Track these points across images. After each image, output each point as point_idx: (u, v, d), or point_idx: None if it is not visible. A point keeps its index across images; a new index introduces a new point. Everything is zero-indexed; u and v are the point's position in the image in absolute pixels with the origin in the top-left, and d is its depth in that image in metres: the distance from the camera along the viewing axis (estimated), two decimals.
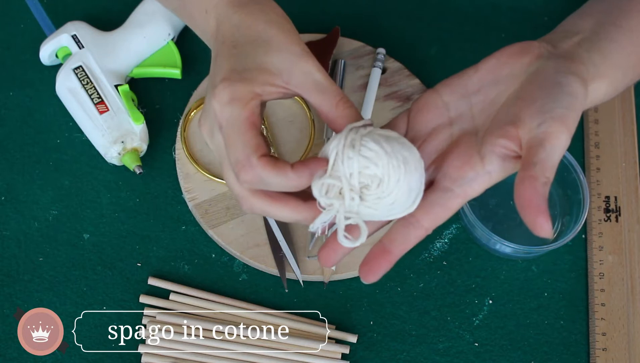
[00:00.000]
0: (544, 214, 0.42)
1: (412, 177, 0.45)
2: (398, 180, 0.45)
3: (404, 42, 0.75)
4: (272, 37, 0.49)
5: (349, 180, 0.45)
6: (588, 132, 0.71)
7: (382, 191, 0.45)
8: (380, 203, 0.45)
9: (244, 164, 0.45)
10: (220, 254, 0.64)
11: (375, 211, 0.46)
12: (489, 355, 0.62)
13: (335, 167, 0.45)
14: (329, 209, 0.46)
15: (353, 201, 0.45)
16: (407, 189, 0.45)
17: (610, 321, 0.62)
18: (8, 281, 0.62)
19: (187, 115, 0.69)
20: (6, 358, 0.59)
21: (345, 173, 0.45)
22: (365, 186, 0.45)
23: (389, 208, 0.46)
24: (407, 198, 0.46)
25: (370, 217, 0.46)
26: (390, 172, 0.45)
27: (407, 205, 0.46)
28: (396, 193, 0.45)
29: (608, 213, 0.67)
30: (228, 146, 0.46)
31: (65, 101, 0.68)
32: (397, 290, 0.64)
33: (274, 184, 0.45)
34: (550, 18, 0.77)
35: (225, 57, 0.49)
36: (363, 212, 0.46)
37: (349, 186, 0.45)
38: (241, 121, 0.46)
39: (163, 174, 0.68)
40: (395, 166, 0.45)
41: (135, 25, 0.70)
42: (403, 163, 0.45)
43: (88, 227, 0.65)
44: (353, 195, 0.45)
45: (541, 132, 0.44)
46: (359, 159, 0.45)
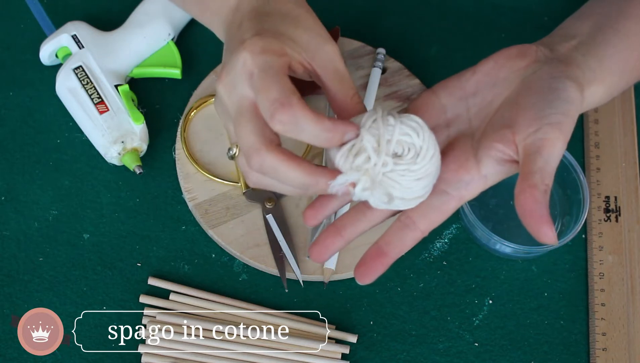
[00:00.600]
0: (547, 224, 0.43)
1: (437, 162, 0.46)
2: (432, 156, 0.45)
3: (404, 42, 0.75)
4: (300, 15, 0.49)
5: (385, 144, 0.44)
6: (588, 132, 0.71)
7: (415, 163, 0.45)
8: (406, 177, 0.45)
9: (283, 102, 0.43)
10: (220, 254, 0.64)
11: (398, 184, 0.45)
12: (489, 355, 0.62)
13: (372, 130, 0.45)
14: (351, 172, 0.45)
15: (385, 166, 0.44)
16: (434, 171, 0.46)
17: (610, 321, 0.62)
18: (8, 281, 0.62)
19: (187, 115, 0.69)
20: (6, 358, 0.59)
21: (383, 135, 0.44)
22: (399, 155, 0.45)
23: (412, 185, 0.45)
24: (430, 180, 0.46)
25: (385, 196, 0.45)
26: (429, 145, 0.45)
27: (424, 190, 0.46)
28: (426, 169, 0.45)
29: (608, 213, 0.67)
30: (262, 91, 0.44)
31: (65, 101, 0.68)
32: (397, 290, 0.64)
33: (308, 130, 0.43)
34: (550, 18, 0.77)
35: (254, 20, 0.48)
36: (385, 184, 0.45)
37: (384, 149, 0.44)
38: (278, 67, 0.45)
39: (163, 174, 0.68)
40: (433, 141, 0.45)
41: (135, 25, 0.70)
42: (434, 143, 0.45)
43: (88, 227, 0.65)
44: (387, 159, 0.45)
45: (538, 140, 0.44)
46: (400, 126, 0.45)
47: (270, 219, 0.64)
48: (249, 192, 0.65)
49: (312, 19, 0.50)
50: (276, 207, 0.64)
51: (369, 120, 0.45)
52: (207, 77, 0.71)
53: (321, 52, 0.48)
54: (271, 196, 0.65)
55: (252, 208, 0.65)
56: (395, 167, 0.45)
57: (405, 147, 0.45)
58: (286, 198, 0.65)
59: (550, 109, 0.45)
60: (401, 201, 0.46)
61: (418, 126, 0.45)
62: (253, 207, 0.65)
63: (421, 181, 0.45)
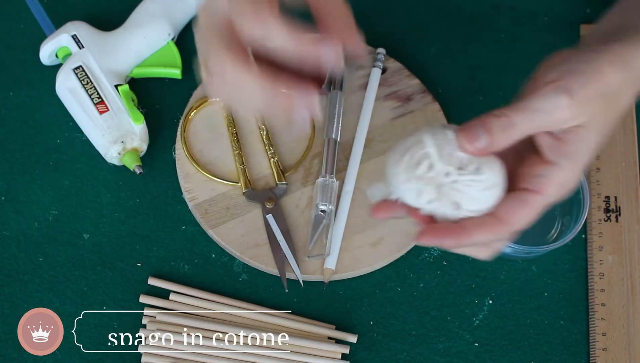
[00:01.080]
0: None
1: (502, 174, 0.46)
2: (497, 167, 0.46)
3: (404, 42, 0.75)
4: None
5: (447, 155, 0.45)
6: None
7: (479, 173, 0.45)
8: (473, 187, 0.45)
9: (256, 9, 0.42)
10: (220, 254, 0.64)
11: (465, 195, 0.45)
12: (489, 355, 0.62)
13: (433, 140, 0.45)
14: (413, 181, 0.45)
15: (449, 175, 0.45)
16: (501, 181, 0.46)
17: (610, 321, 0.62)
18: (8, 281, 0.62)
19: (187, 115, 0.69)
20: (6, 358, 0.59)
21: (444, 146, 0.45)
22: (463, 165, 0.45)
23: (479, 195, 0.45)
24: (498, 190, 0.46)
25: (452, 205, 0.45)
26: (490, 158, 0.45)
27: (492, 200, 0.46)
28: (493, 179, 0.45)
29: (608, 213, 0.67)
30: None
31: (65, 101, 0.68)
32: (397, 290, 0.64)
33: (277, 36, 0.43)
34: (550, 18, 0.77)
35: None
36: (450, 194, 0.45)
37: (446, 158, 0.45)
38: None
39: (163, 174, 0.68)
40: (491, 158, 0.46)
41: (135, 25, 0.70)
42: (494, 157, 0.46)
43: (88, 227, 0.65)
44: (450, 168, 0.45)
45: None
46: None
47: (270, 219, 0.64)
48: (249, 192, 0.65)
49: None
50: (276, 207, 0.64)
51: (427, 133, 0.45)
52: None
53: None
54: (271, 196, 0.65)
55: (252, 208, 0.65)
56: (460, 177, 0.45)
57: (465, 160, 0.45)
58: (286, 198, 0.65)
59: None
60: (470, 213, 0.46)
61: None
62: (253, 207, 0.65)
63: (489, 191, 0.45)
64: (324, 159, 0.66)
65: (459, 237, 0.46)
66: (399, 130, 0.69)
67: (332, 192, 0.64)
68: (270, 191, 0.65)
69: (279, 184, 0.65)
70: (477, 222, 0.46)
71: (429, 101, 0.71)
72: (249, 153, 0.68)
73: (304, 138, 0.68)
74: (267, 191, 0.65)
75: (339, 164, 0.67)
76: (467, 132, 0.45)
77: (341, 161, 0.67)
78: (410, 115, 0.70)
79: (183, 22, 0.73)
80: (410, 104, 0.70)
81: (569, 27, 0.76)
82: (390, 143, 0.68)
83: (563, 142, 0.47)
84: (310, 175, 0.67)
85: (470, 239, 0.46)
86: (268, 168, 0.67)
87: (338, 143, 0.67)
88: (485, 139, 0.45)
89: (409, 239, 0.64)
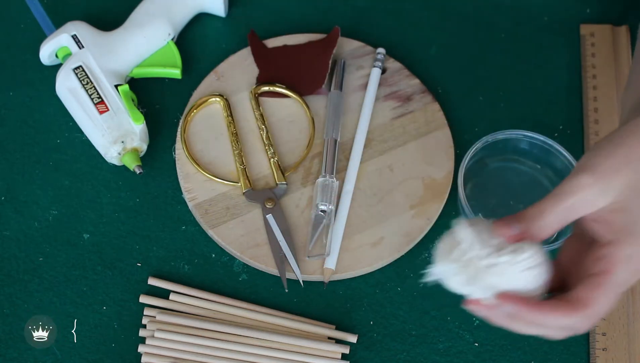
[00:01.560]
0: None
1: (543, 252, 0.47)
2: (537, 249, 0.46)
3: (404, 42, 0.75)
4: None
5: (484, 238, 0.46)
6: (588, 133, 0.71)
7: (518, 254, 0.45)
8: (512, 267, 0.45)
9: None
10: (220, 254, 0.64)
11: (501, 278, 0.46)
12: (489, 355, 0.62)
13: (469, 225, 0.47)
14: (448, 263, 0.47)
15: (485, 258, 0.46)
16: (543, 259, 0.46)
17: (610, 321, 0.62)
18: (8, 281, 0.62)
19: (187, 115, 0.69)
20: (6, 358, 0.59)
21: (482, 231, 0.46)
22: (501, 249, 0.46)
23: (520, 275, 0.46)
24: (541, 270, 0.46)
25: (488, 290, 0.46)
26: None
27: (536, 280, 0.46)
28: (534, 259, 0.46)
29: None
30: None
31: (65, 101, 0.68)
32: (397, 290, 0.64)
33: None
34: (550, 18, 0.77)
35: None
36: (485, 278, 0.46)
37: (480, 241, 0.46)
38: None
39: (163, 174, 0.68)
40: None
41: (135, 25, 0.70)
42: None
43: (88, 227, 0.65)
44: (486, 252, 0.46)
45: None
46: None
47: (270, 219, 0.64)
48: (249, 192, 0.65)
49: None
50: (276, 207, 0.64)
51: (465, 222, 0.47)
52: (207, 77, 0.71)
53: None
54: (271, 196, 0.65)
55: (252, 208, 0.65)
56: (498, 259, 0.45)
57: (503, 244, 0.46)
58: (286, 198, 0.65)
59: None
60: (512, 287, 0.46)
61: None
62: (253, 207, 0.65)
63: (530, 271, 0.46)
64: (324, 159, 0.66)
65: (531, 311, 0.46)
66: (399, 130, 0.69)
67: (332, 192, 0.64)
68: (270, 191, 0.65)
69: (279, 184, 0.65)
70: (551, 303, 0.46)
71: (429, 101, 0.71)
72: (249, 152, 0.68)
73: (304, 138, 0.68)
74: (267, 191, 0.65)
75: (339, 164, 0.67)
76: (502, 222, 0.47)
77: (341, 161, 0.67)
78: (410, 115, 0.70)
79: (183, 22, 0.73)
80: (410, 104, 0.70)
81: (569, 27, 0.76)
82: (390, 143, 0.68)
83: (610, 221, 0.46)
84: (310, 175, 0.67)
85: (544, 318, 0.46)
86: (268, 167, 0.67)
87: (338, 142, 0.67)
88: (518, 226, 0.46)
89: (409, 239, 0.64)
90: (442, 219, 0.65)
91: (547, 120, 0.72)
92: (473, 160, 0.66)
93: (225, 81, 0.71)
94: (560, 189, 0.46)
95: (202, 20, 0.76)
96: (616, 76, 0.73)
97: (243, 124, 0.69)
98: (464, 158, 0.65)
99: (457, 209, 0.66)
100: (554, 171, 0.68)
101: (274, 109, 0.70)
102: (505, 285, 0.46)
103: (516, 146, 0.68)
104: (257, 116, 0.69)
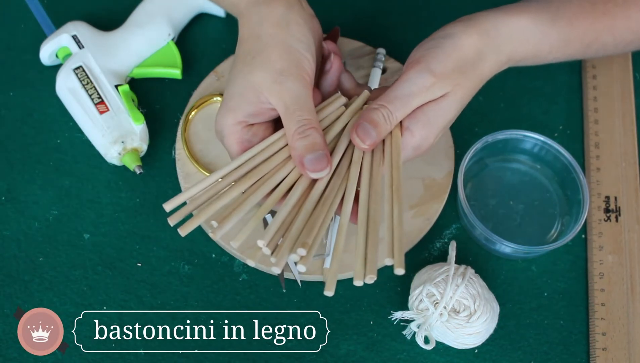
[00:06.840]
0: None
1: (490, 324, 0.59)
2: (485, 320, 0.58)
3: (404, 42, 0.75)
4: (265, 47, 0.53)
5: (447, 299, 0.58)
6: (588, 133, 0.71)
7: (467, 322, 0.57)
8: (459, 330, 0.58)
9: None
10: (220, 254, 0.64)
11: (452, 334, 0.58)
12: (489, 355, 0.62)
13: (440, 284, 0.58)
14: (413, 312, 0.59)
15: (441, 316, 0.57)
16: (485, 330, 0.59)
17: (610, 321, 0.62)
18: (8, 281, 0.62)
19: (187, 115, 0.69)
20: (6, 358, 0.59)
21: (448, 293, 0.57)
22: (456, 310, 0.58)
23: (463, 338, 0.58)
24: (480, 337, 0.59)
25: (439, 336, 0.59)
26: (483, 311, 0.58)
27: (473, 343, 0.59)
28: (476, 329, 0.58)
29: (608, 213, 0.67)
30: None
31: (65, 101, 0.68)
32: (397, 290, 0.64)
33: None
34: None
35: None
36: (438, 329, 0.58)
37: (444, 303, 0.57)
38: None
39: (163, 174, 0.68)
40: (490, 307, 0.59)
41: (135, 25, 0.70)
42: (491, 308, 0.59)
43: (88, 227, 0.65)
44: (443, 311, 0.58)
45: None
46: (464, 289, 0.58)
47: (270, 219, 0.64)
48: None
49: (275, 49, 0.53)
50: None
51: (443, 274, 0.59)
52: (207, 77, 0.71)
53: (274, 91, 0.53)
54: None
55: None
56: (451, 320, 0.58)
57: (462, 306, 0.58)
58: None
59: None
60: (455, 343, 0.59)
61: (477, 294, 0.58)
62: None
63: (472, 336, 0.58)
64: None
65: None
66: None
67: None
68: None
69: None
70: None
71: None
72: None
73: None
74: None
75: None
76: (361, 131, 0.52)
77: None
78: None
79: (183, 22, 0.73)
80: None
81: None
82: None
83: (420, 110, 0.53)
84: None
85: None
86: None
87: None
88: (374, 133, 0.52)
89: (408, 239, 0.64)
90: (442, 220, 0.65)
91: (547, 120, 0.72)
92: (473, 160, 0.66)
93: (225, 81, 0.71)
94: (406, 89, 0.53)
95: (202, 20, 0.76)
96: (616, 76, 0.73)
97: None
98: (464, 158, 0.65)
99: (457, 210, 0.66)
100: (554, 171, 0.68)
101: None
102: (452, 340, 0.59)
103: (516, 146, 0.68)
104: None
